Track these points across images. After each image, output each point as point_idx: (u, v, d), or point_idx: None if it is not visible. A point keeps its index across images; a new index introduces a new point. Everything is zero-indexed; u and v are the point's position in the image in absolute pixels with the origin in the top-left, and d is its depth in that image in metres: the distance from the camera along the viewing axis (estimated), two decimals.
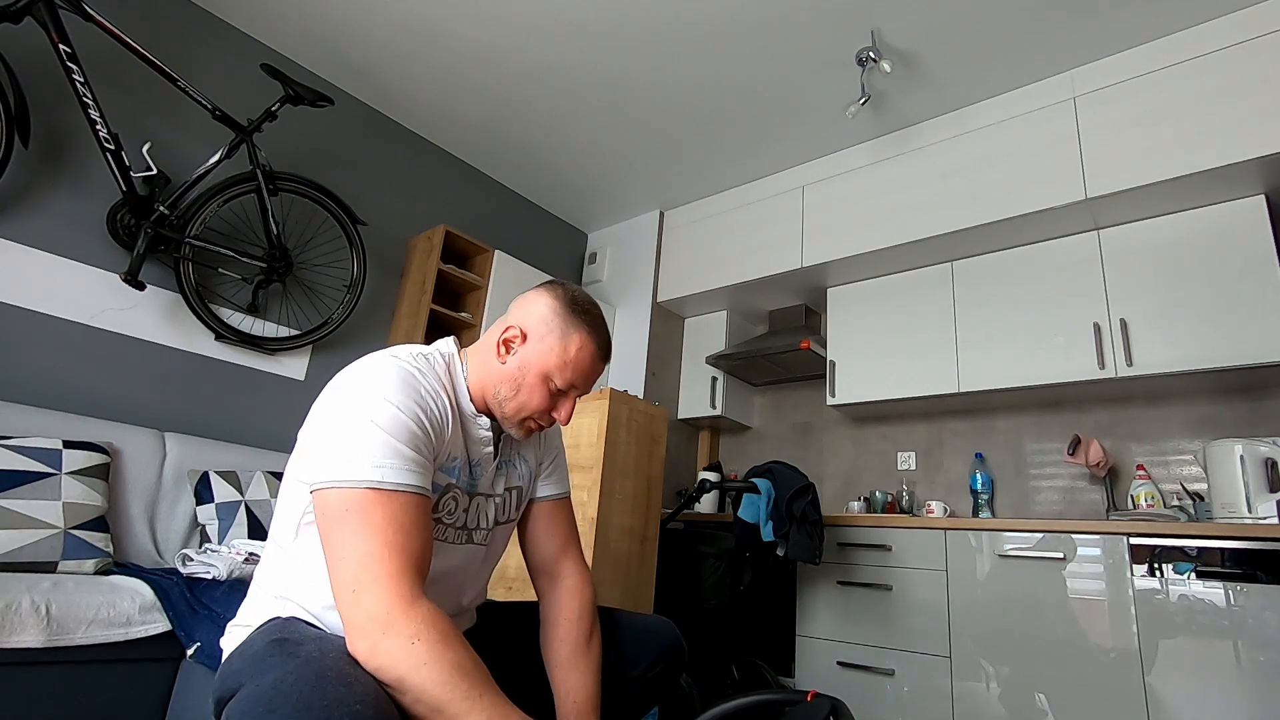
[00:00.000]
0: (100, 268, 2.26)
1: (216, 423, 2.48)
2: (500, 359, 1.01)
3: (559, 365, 0.99)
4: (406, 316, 3.04)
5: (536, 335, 1.00)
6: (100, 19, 2.07)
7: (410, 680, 0.72)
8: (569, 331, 1.00)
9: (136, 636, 1.54)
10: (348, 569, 0.78)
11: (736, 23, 2.48)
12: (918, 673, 2.27)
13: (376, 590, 0.76)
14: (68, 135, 2.22)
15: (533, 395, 1.00)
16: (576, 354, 1.00)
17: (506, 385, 1.01)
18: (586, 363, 1.01)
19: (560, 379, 1.00)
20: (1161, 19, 2.33)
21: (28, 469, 1.74)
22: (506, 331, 1.01)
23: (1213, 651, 1.83)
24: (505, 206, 3.75)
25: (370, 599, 0.76)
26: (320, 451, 0.85)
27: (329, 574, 0.80)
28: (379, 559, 0.78)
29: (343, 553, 0.79)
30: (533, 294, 1.05)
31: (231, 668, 0.79)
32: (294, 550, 0.92)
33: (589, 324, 1.02)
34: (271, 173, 2.50)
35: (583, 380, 1.02)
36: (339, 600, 0.78)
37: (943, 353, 2.77)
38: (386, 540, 0.79)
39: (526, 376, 1.00)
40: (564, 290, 1.04)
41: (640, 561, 2.30)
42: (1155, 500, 2.33)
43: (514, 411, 1.02)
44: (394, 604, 0.76)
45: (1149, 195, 2.34)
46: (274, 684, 0.67)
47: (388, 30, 2.68)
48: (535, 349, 1.00)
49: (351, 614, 0.76)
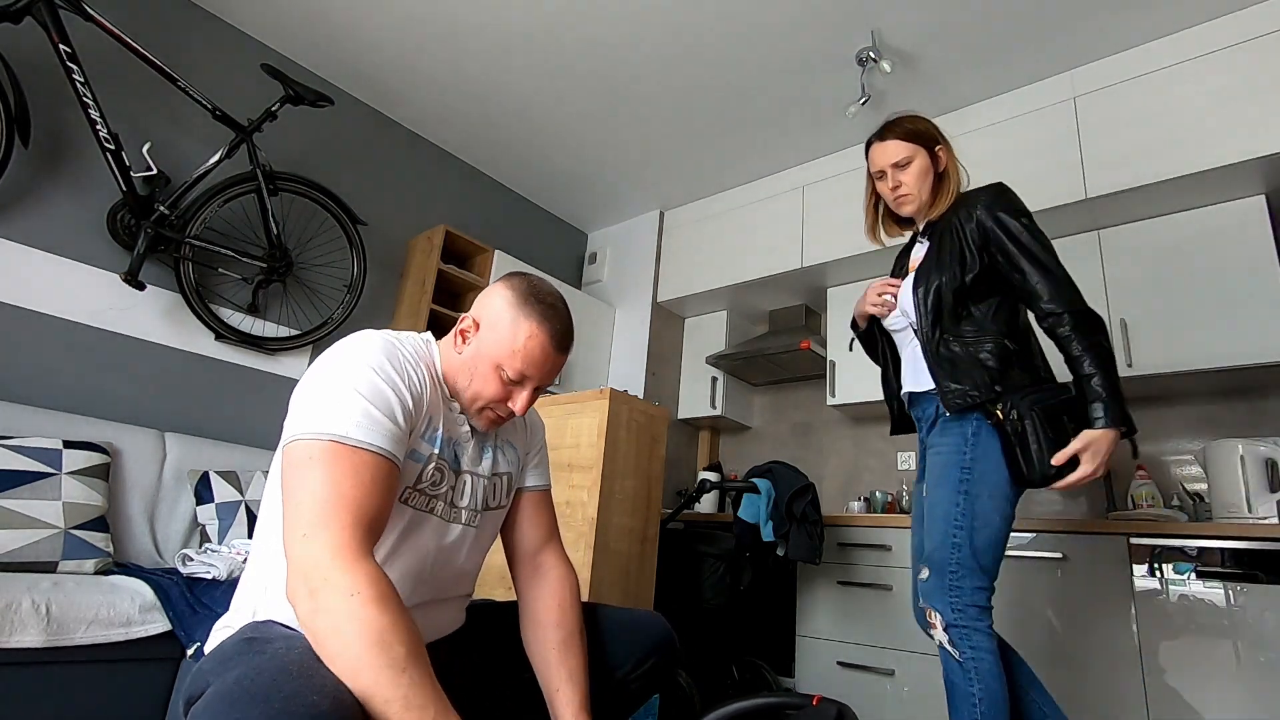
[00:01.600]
0: (100, 268, 2.26)
1: (216, 423, 2.48)
2: (457, 349, 1.04)
3: (509, 354, 1.00)
4: (406, 316, 3.04)
5: (489, 324, 1.02)
6: (100, 19, 2.07)
7: (334, 635, 0.71)
8: (520, 320, 1.00)
9: (136, 636, 1.54)
10: (300, 514, 0.78)
11: (737, 23, 2.48)
12: (918, 673, 2.27)
13: (325, 536, 0.76)
14: (68, 135, 2.22)
15: (486, 384, 1.01)
16: (526, 343, 1.00)
17: (462, 374, 1.02)
18: (536, 352, 1.00)
19: (511, 369, 1.00)
20: (1161, 19, 2.33)
21: (28, 469, 1.74)
22: (462, 322, 1.04)
23: (1213, 652, 1.83)
24: (505, 206, 3.75)
25: (316, 545, 0.76)
26: (294, 414, 0.87)
27: (283, 522, 0.80)
28: (333, 507, 0.78)
29: (299, 498, 0.79)
30: (493, 286, 1.07)
31: (202, 668, 0.80)
32: (275, 555, 0.91)
33: (541, 313, 1.01)
34: (271, 173, 2.50)
35: (535, 370, 1.02)
36: (287, 545, 0.78)
37: None
38: (343, 492, 0.79)
39: (479, 366, 1.01)
40: (522, 281, 1.05)
41: (640, 561, 2.30)
42: (1155, 500, 2.33)
43: (470, 400, 1.03)
44: (339, 553, 0.75)
45: (1149, 195, 2.34)
46: (237, 680, 0.68)
47: (388, 30, 2.68)
48: (488, 338, 1.01)
49: (296, 556, 0.76)
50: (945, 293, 1.50)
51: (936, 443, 1.53)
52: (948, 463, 1.47)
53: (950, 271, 1.50)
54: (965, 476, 1.44)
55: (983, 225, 1.51)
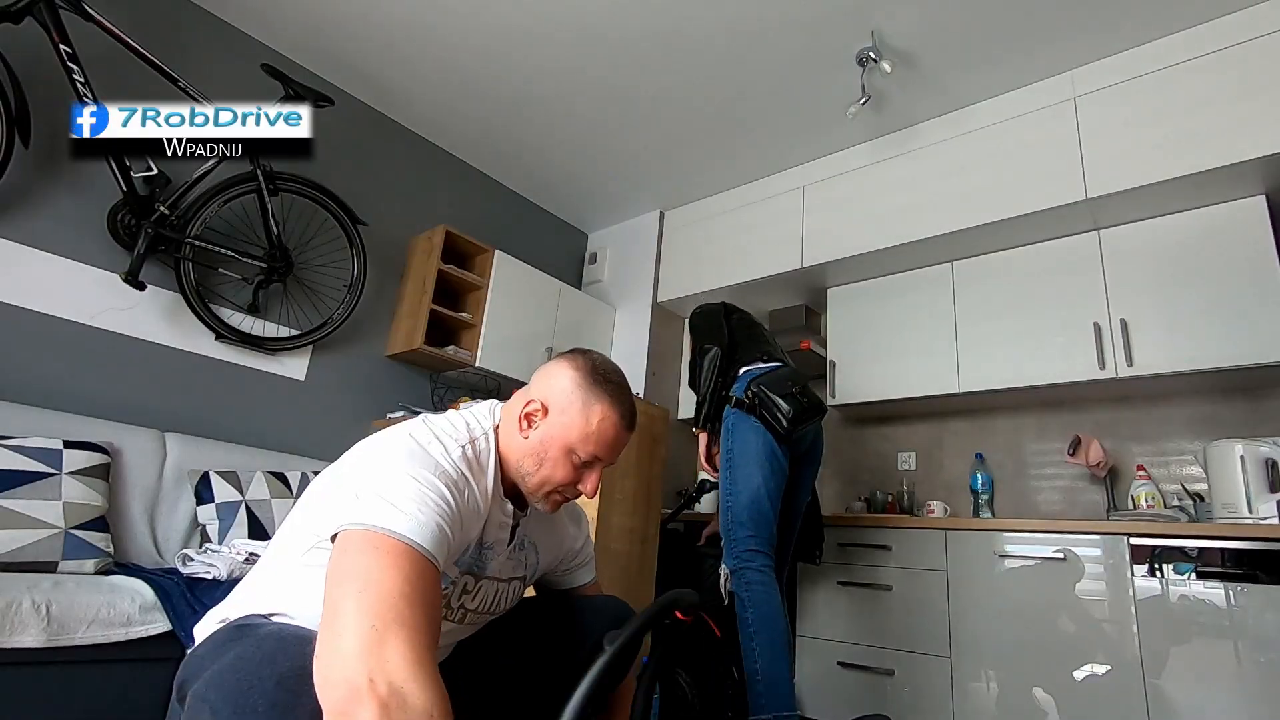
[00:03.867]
0: (100, 268, 2.26)
1: (216, 423, 2.48)
2: (523, 433, 1.00)
3: (582, 438, 0.98)
4: (406, 316, 3.04)
5: (558, 408, 0.99)
6: (100, 19, 2.07)
7: None
8: (591, 403, 0.99)
9: (136, 636, 1.54)
10: (369, 601, 0.70)
11: (737, 23, 2.48)
12: (918, 673, 2.27)
13: (403, 636, 0.68)
14: (68, 135, 2.22)
15: (556, 469, 0.99)
16: (599, 425, 0.99)
17: (529, 460, 0.99)
18: (610, 434, 1.00)
19: (584, 451, 0.99)
20: (1161, 19, 2.33)
21: (28, 469, 1.74)
22: (528, 406, 1.00)
23: (1213, 652, 1.83)
24: (505, 206, 3.74)
25: (393, 644, 0.67)
26: (361, 493, 0.81)
27: (332, 604, 0.72)
28: (409, 605, 0.71)
29: (365, 585, 0.71)
30: (554, 365, 1.04)
31: (196, 654, 0.82)
32: (282, 575, 0.92)
33: (611, 394, 1.00)
34: (272, 173, 2.50)
35: (607, 451, 1.01)
36: (344, 632, 0.68)
37: (943, 353, 2.77)
38: (419, 591, 0.73)
39: (550, 450, 0.98)
40: (586, 359, 1.03)
41: (640, 561, 2.30)
42: (1156, 500, 2.33)
43: (537, 485, 1.00)
44: (419, 664, 0.68)
45: (1149, 195, 2.34)
46: (238, 655, 0.70)
47: (388, 30, 2.68)
48: (558, 422, 0.99)
49: (363, 651, 0.66)
50: None
51: None
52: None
53: None
54: (728, 458, 1.89)
55: None
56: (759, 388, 1.89)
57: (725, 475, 1.89)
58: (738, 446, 1.86)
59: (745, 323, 2.23)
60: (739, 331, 2.17)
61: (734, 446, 1.87)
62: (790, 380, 1.95)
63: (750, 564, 1.75)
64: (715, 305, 2.29)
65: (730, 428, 1.91)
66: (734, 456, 1.86)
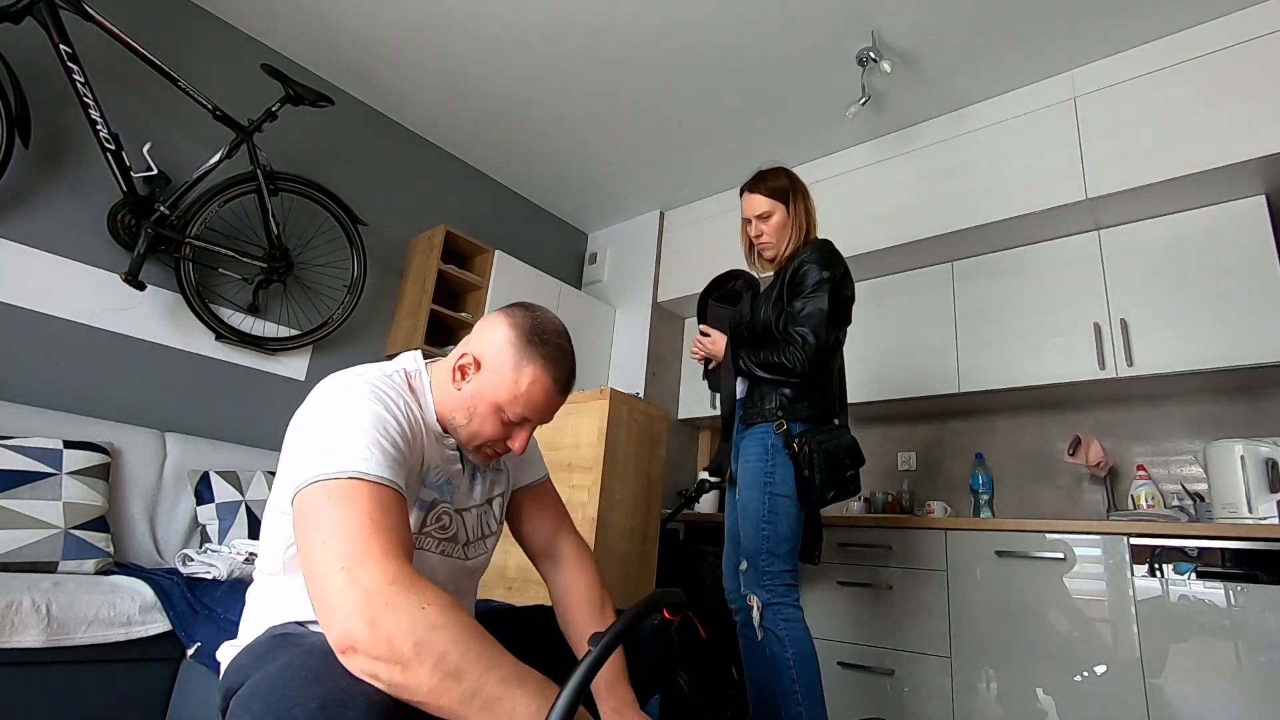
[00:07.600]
0: (101, 268, 2.26)
1: (216, 423, 2.48)
2: (456, 385, 0.99)
3: (510, 398, 0.96)
4: (406, 316, 3.04)
5: (490, 365, 0.97)
6: (100, 19, 2.07)
7: (427, 646, 0.67)
8: (523, 364, 0.96)
9: (137, 636, 1.54)
10: (333, 548, 0.72)
11: (737, 23, 2.48)
12: (918, 673, 2.27)
13: (371, 564, 0.71)
14: (68, 135, 2.23)
15: (485, 425, 0.98)
16: (529, 388, 0.96)
17: (460, 412, 0.98)
18: (540, 397, 0.97)
19: (512, 411, 0.97)
20: (1161, 19, 2.33)
21: (28, 469, 1.74)
22: (462, 358, 0.99)
23: (1213, 652, 1.83)
24: (505, 206, 3.75)
25: (366, 573, 0.70)
26: (300, 461, 0.83)
27: (307, 565, 0.74)
28: (369, 535, 0.74)
29: (326, 535, 0.74)
30: (494, 318, 1.02)
31: (239, 663, 0.80)
32: (283, 580, 0.92)
33: (545, 355, 0.97)
34: (272, 173, 2.50)
35: (536, 414, 0.99)
36: (322, 583, 0.71)
37: (943, 353, 2.77)
38: (375, 520, 0.75)
39: (479, 406, 0.97)
40: (526, 316, 1.00)
41: (640, 561, 2.30)
42: (1156, 500, 2.33)
43: (467, 439, 1.00)
44: (394, 576, 0.71)
45: (1149, 195, 2.34)
46: (283, 665, 0.69)
47: (388, 30, 2.68)
48: (488, 379, 0.97)
49: (341, 593, 0.70)
50: (757, 326, 1.88)
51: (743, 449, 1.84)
52: (755, 469, 1.78)
53: (765, 308, 1.87)
54: (768, 481, 1.75)
55: (796, 272, 1.85)
56: (817, 448, 1.73)
57: (761, 498, 1.74)
58: (779, 475, 1.75)
59: None
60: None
61: (775, 472, 1.75)
62: (847, 457, 1.78)
63: (787, 599, 1.71)
64: None
65: (770, 447, 1.77)
66: (774, 484, 1.74)
